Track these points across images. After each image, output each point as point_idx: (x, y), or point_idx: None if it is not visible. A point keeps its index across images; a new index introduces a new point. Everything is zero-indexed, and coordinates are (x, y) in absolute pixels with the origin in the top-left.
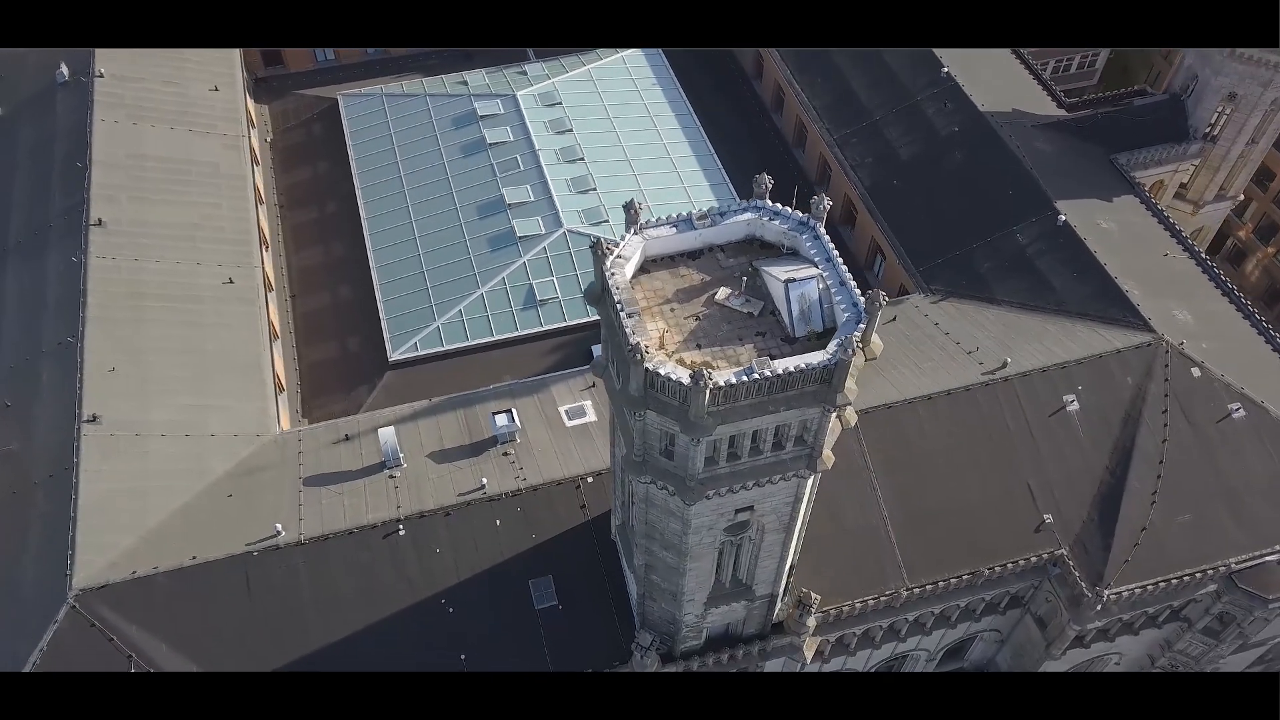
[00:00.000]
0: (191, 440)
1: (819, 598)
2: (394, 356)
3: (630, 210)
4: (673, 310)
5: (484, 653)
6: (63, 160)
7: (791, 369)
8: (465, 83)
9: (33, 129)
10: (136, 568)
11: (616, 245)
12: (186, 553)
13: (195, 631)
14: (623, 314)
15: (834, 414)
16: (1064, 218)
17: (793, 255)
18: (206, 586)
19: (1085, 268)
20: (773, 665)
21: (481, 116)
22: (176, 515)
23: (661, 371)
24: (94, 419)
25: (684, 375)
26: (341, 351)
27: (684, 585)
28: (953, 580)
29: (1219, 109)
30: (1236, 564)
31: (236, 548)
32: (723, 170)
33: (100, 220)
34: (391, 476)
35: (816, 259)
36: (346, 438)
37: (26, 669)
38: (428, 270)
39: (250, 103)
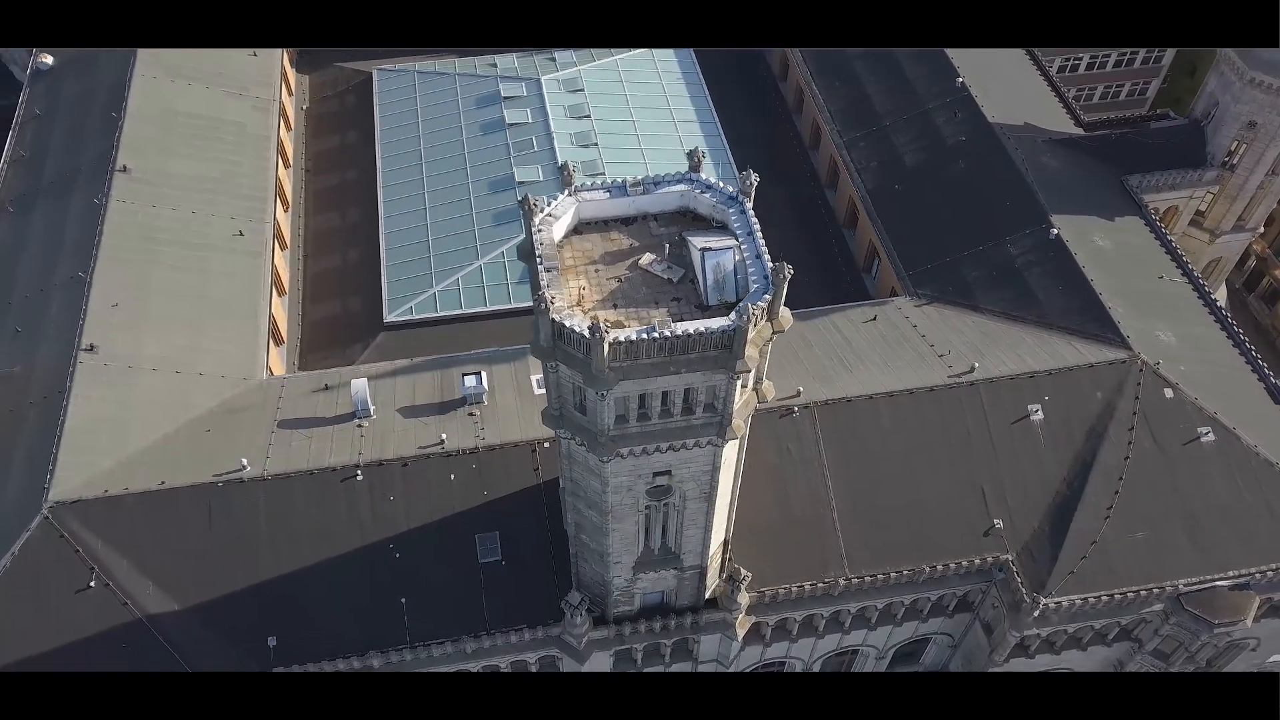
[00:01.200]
0: (180, 377)
1: (749, 574)
2: (389, 318)
3: (564, 172)
4: (597, 271)
5: (424, 599)
6: (100, 111)
7: (691, 331)
8: (495, 64)
9: (77, 81)
10: (109, 488)
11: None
12: (157, 478)
13: (156, 552)
14: (541, 267)
15: (740, 383)
16: (1056, 231)
17: (722, 229)
18: (171, 511)
19: (1072, 282)
20: (746, 661)
21: (505, 98)
22: (155, 444)
23: (565, 323)
24: (91, 348)
25: (584, 327)
26: (342, 310)
27: (609, 545)
28: (892, 575)
29: (1238, 137)
30: (1185, 585)
31: (204, 478)
32: (733, 166)
33: (125, 167)
34: (359, 426)
35: (739, 232)
36: (326, 387)
37: None
38: (432, 239)
39: (291, 72)
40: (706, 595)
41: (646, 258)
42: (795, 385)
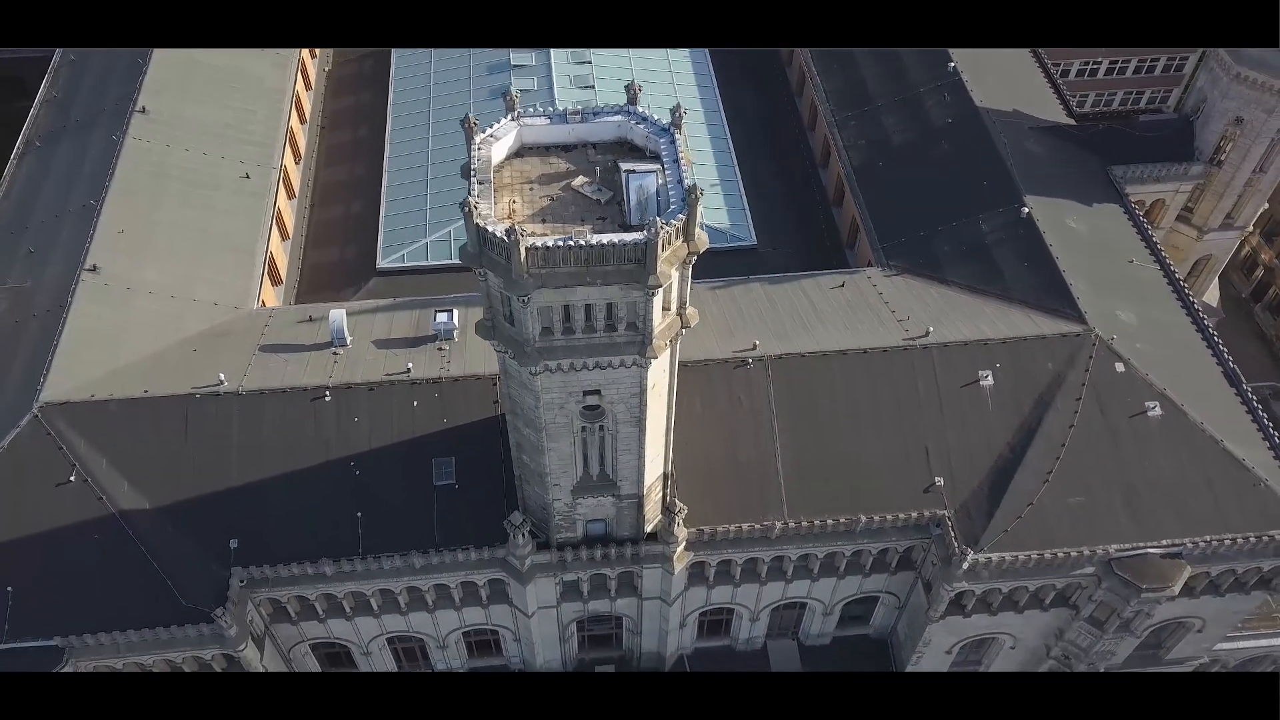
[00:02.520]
0: (175, 301)
1: (685, 507)
2: (381, 264)
3: (506, 98)
4: (531, 189)
5: (379, 515)
6: (128, 56)
7: (604, 242)
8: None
9: None
10: (96, 393)
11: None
12: (141, 388)
13: (133, 454)
14: (474, 179)
15: (660, 304)
16: (1027, 210)
17: (656, 160)
18: (150, 418)
19: (1038, 260)
20: (692, 604)
21: (514, 66)
22: (143, 359)
23: (486, 227)
24: (94, 269)
25: (502, 230)
26: (340, 257)
27: (546, 465)
28: (829, 523)
29: (1225, 133)
30: (1117, 550)
31: (183, 389)
32: (730, 140)
33: (144, 108)
34: (335, 353)
35: (666, 160)
36: (310, 319)
37: None
38: (430, 194)
39: None
40: (647, 529)
41: (579, 180)
42: (753, 340)
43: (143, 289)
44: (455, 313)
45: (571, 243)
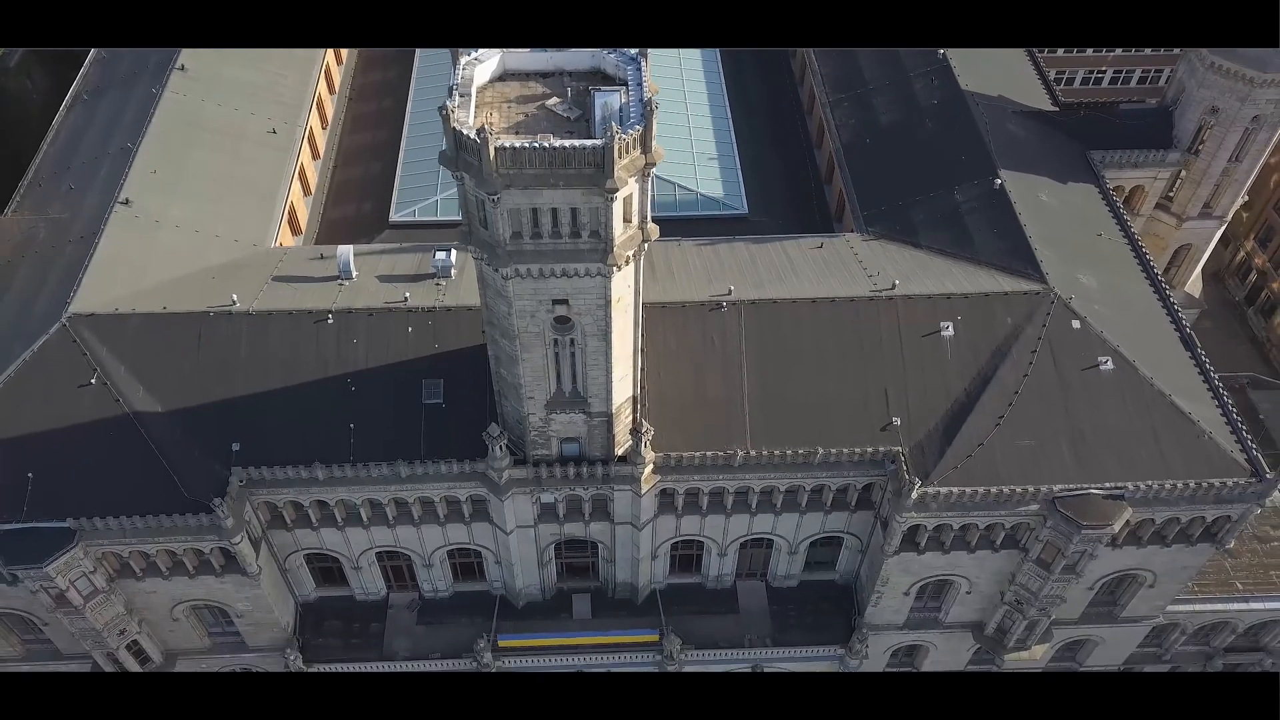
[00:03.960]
0: (198, 236)
1: (651, 428)
2: (394, 218)
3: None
4: (509, 107)
5: (370, 427)
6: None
7: (566, 145)
8: None
9: None
10: (119, 308)
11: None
12: (160, 305)
13: (149, 363)
14: (455, 92)
15: (621, 214)
16: (1000, 182)
17: (625, 87)
18: (167, 331)
19: (1007, 228)
20: (663, 533)
21: None
22: (164, 283)
23: (460, 130)
24: (127, 202)
25: (473, 130)
26: (356, 211)
27: (521, 377)
28: (789, 454)
29: (1201, 121)
30: (1060, 490)
31: (198, 308)
32: (730, 121)
33: (184, 66)
34: (340, 284)
35: (632, 84)
36: (321, 256)
37: (12, 370)
38: None
39: None
40: (618, 452)
41: (552, 100)
42: (729, 286)
43: (169, 223)
44: (454, 253)
45: (536, 144)
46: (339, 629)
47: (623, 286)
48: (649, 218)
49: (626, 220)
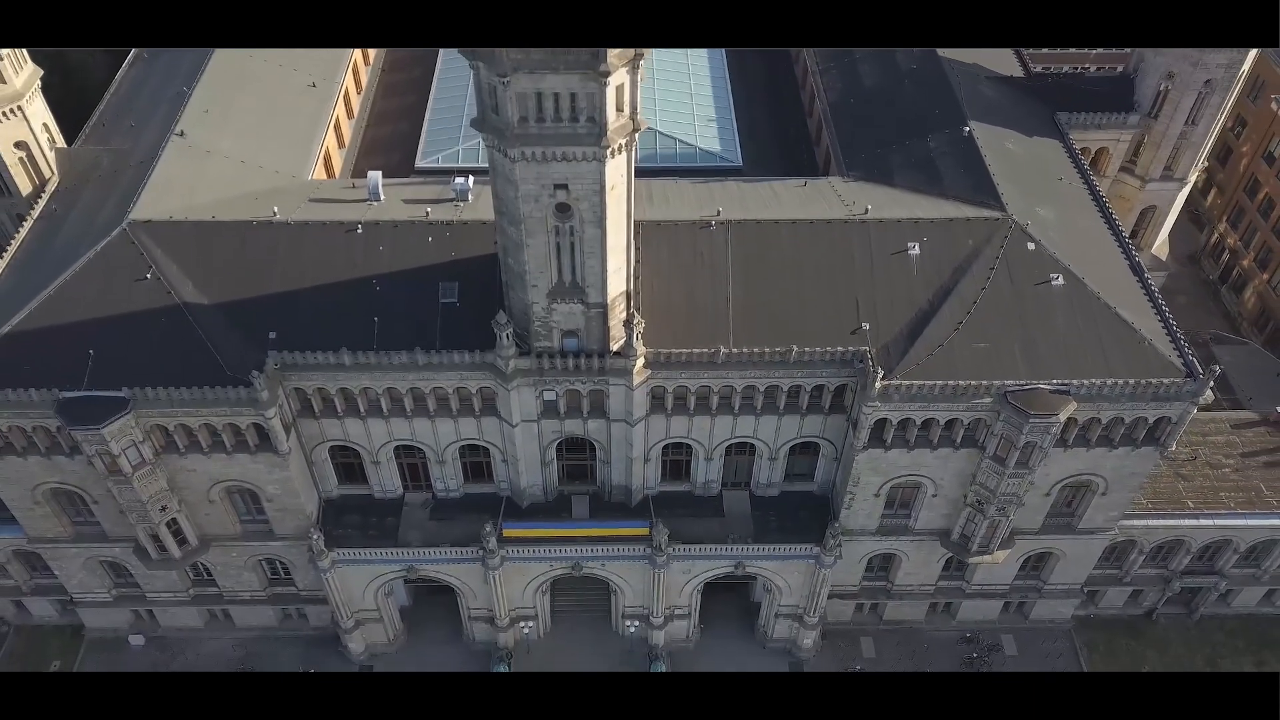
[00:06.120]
0: (244, 166)
1: (643, 320)
2: (419, 164)
3: None
4: None
5: (392, 321)
6: None
7: None
8: None
9: None
10: (173, 216)
11: None
12: (209, 215)
13: (199, 262)
14: None
15: (614, 102)
16: (968, 130)
17: None
18: (215, 236)
19: (973, 168)
20: (655, 434)
21: None
22: (213, 200)
23: None
24: (182, 134)
25: None
26: (385, 161)
27: (526, 263)
28: (767, 352)
29: (1160, 86)
30: (1012, 384)
31: (243, 217)
32: (729, 87)
33: None
34: (369, 204)
35: None
36: (353, 185)
37: (79, 265)
38: (466, 114)
39: None
40: (613, 347)
41: None
42: (717, 209)
43: (219, 154)
44: (471, 179)
45: None
46: (358, 522)
47: (616, 175)
48: (639, 110)
49: (619, 109)
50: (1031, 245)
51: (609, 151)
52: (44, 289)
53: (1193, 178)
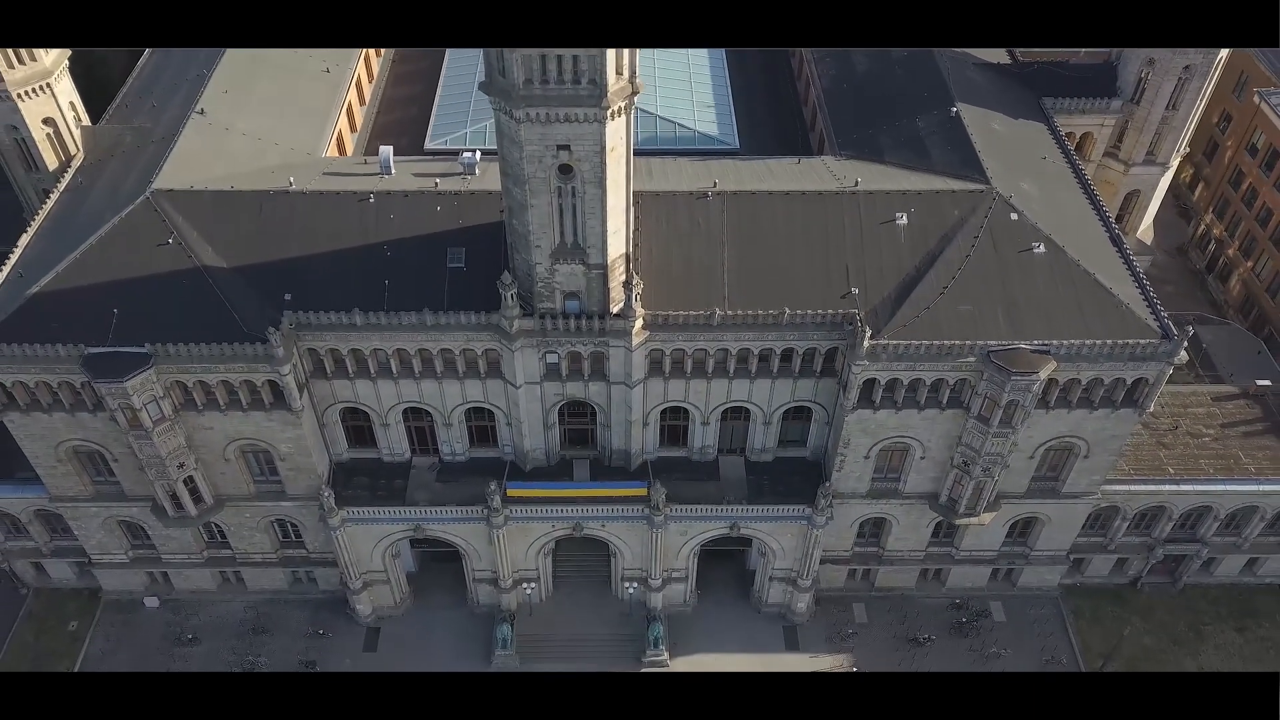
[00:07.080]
0: (261, 143)
1: (641, 281)
2: (428, 145)
3: None
4: None
5: (402, 284)
6: None
7: None
8: None
9: None
10: (194, 185)
11: None
12: (228, 185)
13: (218, 228)
14: None
15: (613, 67)
16: (956, 110)
17: None
18: (233, 204)
19: (959, 145)
20: (652, 398)
21: None
22: (230, 172)
23: None
24: (202, 112)
25: None
26: (395, 144)
27: (530, 223)
28: (760, 314)
29: (1141, 72)
30: (994, 344)
31: (261, 187)
32: (728, 76)
33: None
34: (381, 177)
35: None
36: (365, 161)
37: (104, 231)
38: (474, 100)
39: None
40: (613, 310)
41: None
42: (714, 182)
43: (237, 131)
44: (478, 153)
45: None
46: (367, 483)
47: (616, 137)
48: (637, 74)
49: (619, 72)
50: (1015, 216)
51: (609, 113)
52: (70, 253)
53: (1175, 162)
